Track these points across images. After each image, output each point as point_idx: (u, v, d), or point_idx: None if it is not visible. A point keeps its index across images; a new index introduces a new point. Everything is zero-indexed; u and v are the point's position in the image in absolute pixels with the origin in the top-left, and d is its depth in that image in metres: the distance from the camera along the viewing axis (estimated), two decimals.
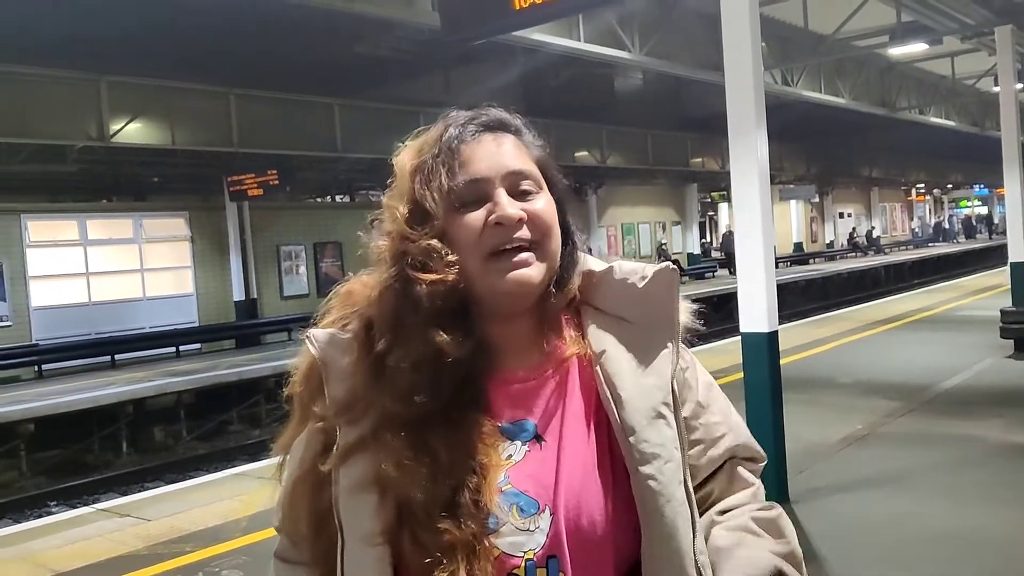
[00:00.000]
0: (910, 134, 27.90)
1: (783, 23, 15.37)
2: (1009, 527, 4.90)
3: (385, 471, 1.01)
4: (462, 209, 1.07)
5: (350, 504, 1.03)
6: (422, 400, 1.02)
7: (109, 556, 5.42)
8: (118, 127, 15.21)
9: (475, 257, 1.05)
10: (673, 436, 1.06)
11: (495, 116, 1.14)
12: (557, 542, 1.00)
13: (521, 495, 1.02)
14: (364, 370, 1.06)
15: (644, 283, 1.12)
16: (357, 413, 1.04)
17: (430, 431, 1.02)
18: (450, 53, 14.02)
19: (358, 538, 1.02)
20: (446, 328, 1.03)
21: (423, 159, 1.10)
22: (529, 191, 1.09)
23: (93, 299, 17.72)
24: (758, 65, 5.64)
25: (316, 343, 1.10)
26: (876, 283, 29.37)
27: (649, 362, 1.09)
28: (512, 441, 1.05)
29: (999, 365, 9.88)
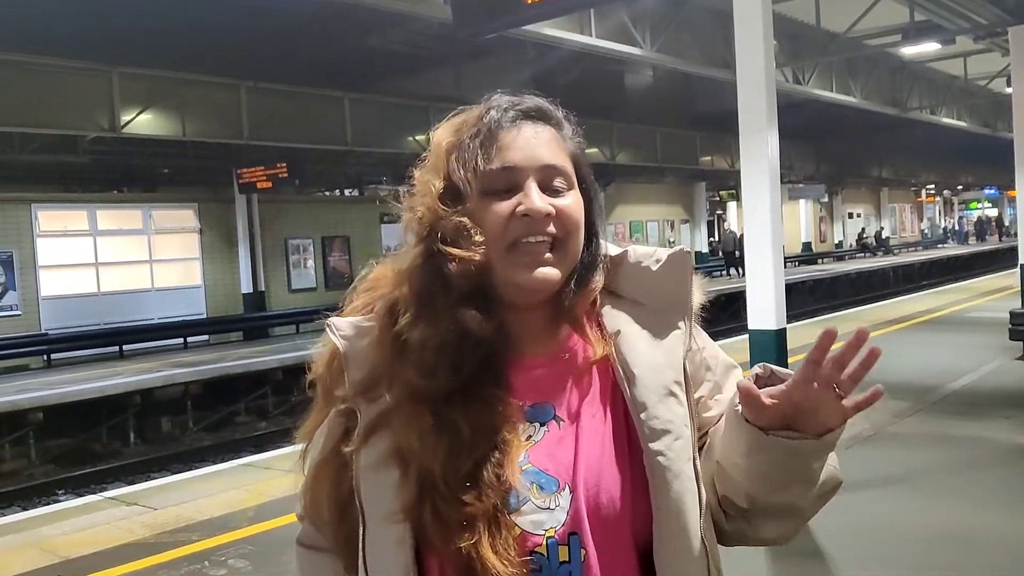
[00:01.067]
0: (921, 134, 27.79)
1: (795, 21, 15.31)
2: (1016, 528, 4.89)
3: (407, 444, 1.02)
4: (492, 195, 1.07)
5: (371, 481, 1.05)
6: (445, 376, 1.03)
7: (116, 544, 5.45)
8: (129, 118, 15.25)
9: (498, 245, 1.06)
10: (684, 414, 1.07)
11: (536, 104, 1.14)
12: (578, 519, 1.02)
13: (541, 473, 1.04)
14: (386, 346, 1.07)
15: (658, 266, 1.14)
16: (379, 391, 1.06)
17: (452, 406, 1.03)
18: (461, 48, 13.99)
19: (379, 517, 1.03)
20: (470, 306, 1.05)
21: (461, 138, 1.10)
22: (560, 187, 1.09)
23: (102, 289, 17.80)
24: (770, 63, 5.64)
25: (337, 331, 1.11)
26: (884, 284, 29.29)
27: (662, 342, 1.10)
28: (531, 423, 1.07)
29: (1008, 367, 9.85)
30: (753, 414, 0.99)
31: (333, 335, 1.11)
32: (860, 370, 0.95)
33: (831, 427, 0.98)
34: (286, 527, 5.57)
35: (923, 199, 49.88)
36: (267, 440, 12.65)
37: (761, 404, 0.98)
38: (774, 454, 1.00)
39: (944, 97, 23.94)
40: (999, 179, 45.54)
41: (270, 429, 13.74)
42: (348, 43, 14.01)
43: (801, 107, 18.80)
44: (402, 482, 1.02)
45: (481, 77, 16.00)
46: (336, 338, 1.11)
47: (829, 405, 0.96)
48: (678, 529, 1.03)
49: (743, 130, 5.57)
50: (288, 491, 6.38)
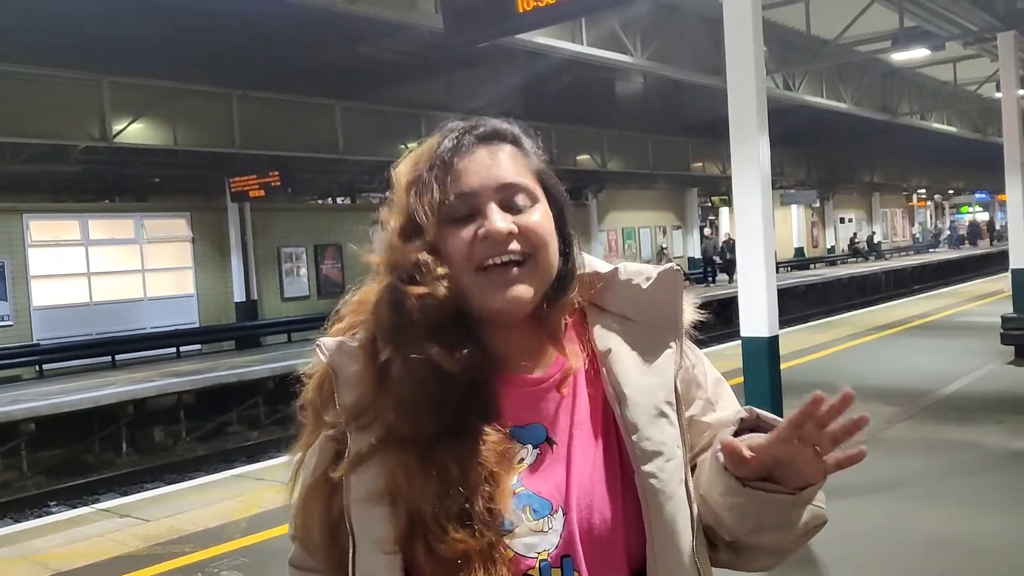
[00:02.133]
0: (912, 139, 27.88)
1: (785, 27, 15.37)
2: (1010, 534, 4.89)
3: (395, 485, 1.02)
4: (454, 223, 1.06)
5: (362, 512, 1.04)
6: (428, 417, 1.02)
7: (109, 556, 5.42)
8: (120, 127, 15.22)
9: (466, 271, 1.05)
10: (675, 435, 1.07)
11: (491, 126, 1.12)
12: (570, 542, 1.01)
13: (534, 496, 1.03)
14: (370, 378, 1.06)
15: (648, 284, 1.13)
16: (366, 420, 1.05)
17: (440, 446, 1.02)
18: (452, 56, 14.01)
19: (370, 543, 1.03)
20: (442, 340, 1.03)
21: (418, 172, 1.09)
22: (523, 205, 1.08)
23: (94, 299, 17.74)
24: (760, 70, 5.65)
25: (326, 351, 1.11)
26: (877, 288, 29.36)
27: (652, 361, 1.10)
28: (523, 445, 1.06)
29: (1000, 371, 9.88)
30: (733, 466, 0.99)
31: (323, 355, 1.11)
32: (842, 433, 0.94)
33: (810, 482, 0.98)
34: (279, 538, 5.55)
35: (914, 204, 50.02)
36: (260, 450, 12.63)
37: (742, 458, 0.97)
38: (751, 502, 1.00)
39: (934, 102, 24.04)
40: (990, 183, 45.72)
41: (263, 439, 13.71)
42: (340, 51, 14.01)
43: (792, 113, 18.86)
44: (392, 515, 1.02)
45: (473, 85, 16.02)
46: (325, 358, 1.10)
47: (810, 461, 0.96)
48: (671, 551, 1.03)
49: (734, 136, 5.59)
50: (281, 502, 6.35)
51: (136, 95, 15.41)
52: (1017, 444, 6.74)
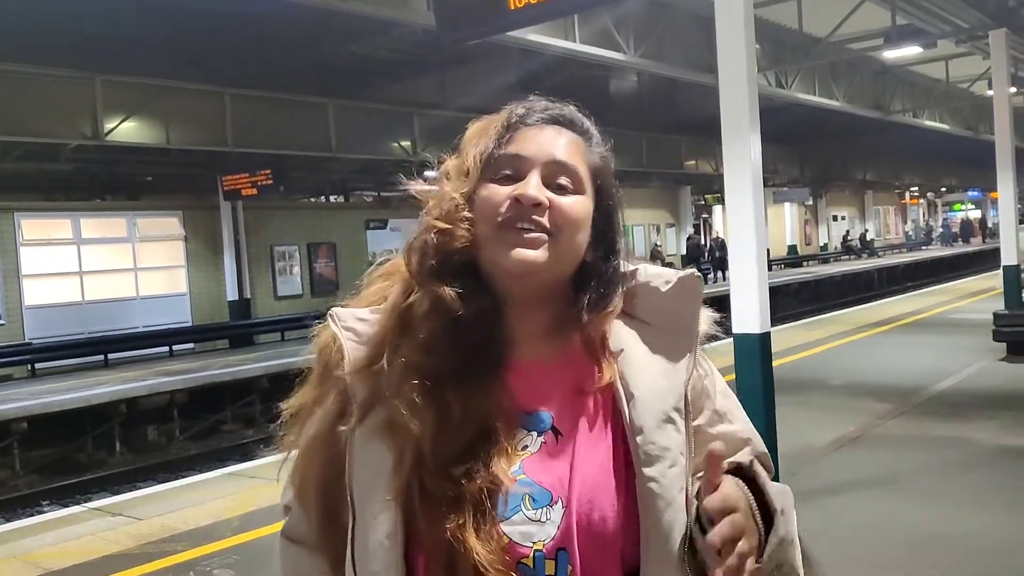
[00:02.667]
0: (904, 137, 27.96)
1: (777, 25, 15.39)
2: (1002, 530, 4.91)
3: (397, 415, 1.03)
4: (495, 180, 1.08)
5: (363, 460, 1.04)
6: (440, 353, 1.04)
7: (100, 555, 5.41)
8: (112, 126, 15.18)
9: (489, 225, 1.06)
10: (681, 441, 1.06)
11: (566, 113, 1.15)
12: (568, 535, 1.01)
13: (534, 485, 1.03)
14: (393, 319, 1.08)
15: (668, 287, 1.13)
16: (379, 367, 1.06)
17: (447, 385, 1.03)
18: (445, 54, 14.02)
19: (370, 501, 1.03)
20: (452, 283, 1.06)
21: (487, 128, 1.13)
22: (565, 185, 1.09)
23: (86, 298, 17.69)
24: (752, 67, 5.65)
25: (340, 321, 1.12)
26: (869, 286, 29.43)
27: (665, 366, 1.09)
28: (528, 431, 1.06)
29: (992, 368, 9.90)
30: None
31: (335, 326, 1.12)
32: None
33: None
34: (271, 536, 5.53)
35: (907, 201, 50.18)
36: (253, 448, 12.59)
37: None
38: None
39: (926, 100, 24.11)
40: (982, 181, 45.82)
41: (256, 437, 13.68)
42: (332, 49, 14.00)
43: (785, 111, 18.89)
44: (395, 460, 1.02)
45: (465, 83, 16.02)
46: (337, 328, 1.11)
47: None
48: (665, 558, 1.02)
49: (726, 134, 5.59)
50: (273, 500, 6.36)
51: (128, 93, 15.36)
52: (1009, 440, 6.76)
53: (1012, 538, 4.80)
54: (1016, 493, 5.57)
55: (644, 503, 1.02)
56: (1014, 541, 4.76)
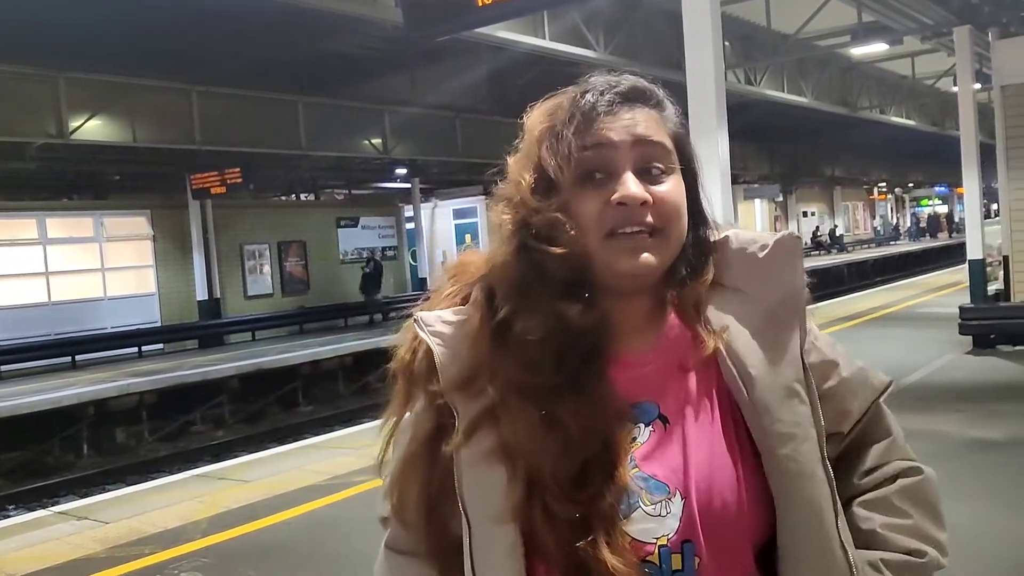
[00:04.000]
0: (872, 133, 28.24)
1: (746, 22, 15.48)
2: (971, 521, 4.95)
3: (514, 441, 0.98)
4: (587, 183, 1.02)
5: (475, 480, 1.00)
6: (550, 370, 0.99)
7: (66, 559, 5.33)
8: (78, 124, 14.99)
9: (594, 235, 1.01)
10: (807, 413, 1.02)
11: (633, 85, 1.09)
12: (691, 526, 0.98)
13: (650, 479, 0.99)
14: (486, 338, 1.02)
15: (764, 253, 1.08)
16: (479, 385, 1.01)
17: (558, 402, 0.98)
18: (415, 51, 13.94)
19: (486, 518, 0.99)
20: (571, 300, 1.00)
21: (553, 124, 1.05)
22: (658, 170, 1.04)
23: (53, 299, 17.46)
24: (719, 64, 5.68)
25: (426, 326, 1.06)
26: (839, 281, 29.67)
27: (776, 337, 1.05)
28: (636, 423, 1.02)
29: (958, 361, 10.03)
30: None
31: (422, 331, 1.06)
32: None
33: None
34: (240, 538, 5.50)
35: (875, 197, 50.64)
36: (224, 449, 12.51)
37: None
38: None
39: (893, 96, 24.36)
40: (948, 176, 46.37)
41: (227, 438, 13.59)
42: (301, 46, 13.90)
43: (754, 108, 18.99)
44: (509, 480, 0.98)
45: (435, 80, 15.96)
46: (425, 335, 1.06)
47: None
48: (814, 533, 0.99)
49: (694, 131, 5.56)
50: (242, 501, 6.32)
51: (93, 91, 15.17)
52: (976, 432, 6.84)
53: (982, 528, 4.86)
54: (984, 484, 5.64)
55: (783, 484, 0.99)
56: (984, 531, 4.82)
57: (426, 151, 20.59)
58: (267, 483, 6.80)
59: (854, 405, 1.12)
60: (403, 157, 20.68)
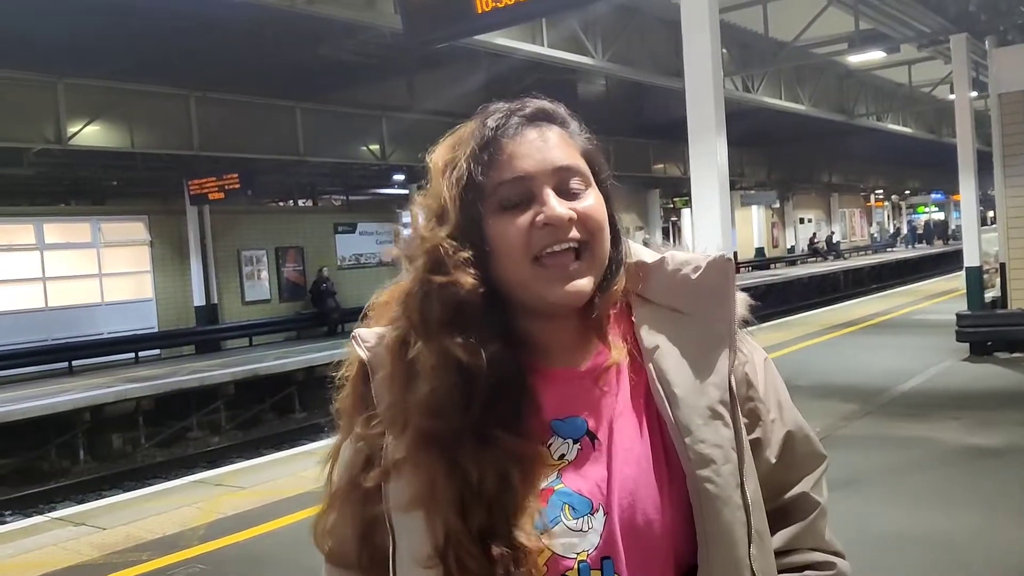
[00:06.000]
0: (869, 141, 28.30)
1: (744, 30, 15.51)
2: (967, 529, 4.96)
3: (423, 492, 0.98)
4: (507, 209, 1.01)
5: (402, 523, 1.00)
6: (453, 415, 0.98)
7: (63, 566, 5.32)
8: (76, 129, 14.97)
9: (522, 261, 1.00)
10: (731, 436, 1.01)
11: (538, 107, 1.08)
12: (611, 543, 0.97)
13: (573, 495, 0.99)
14: (399, 377, 1.02)
15: (698, 274, 1.07)
16: (399, 425, 1.01)
17: (460, 449, 0.98)
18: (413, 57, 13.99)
19: (410, 558, 0.99)
20: (467, 333, 0.99)
21: (455, 155, 1.04)
22: (577, 189, 1.04)
23: (50, 304, 17.41)
24: (718, 71, 5.69)
25: (363, 343, 1.06)
26: (835, 287, 29.72)
27: (705, 358, 1.04)
28: (564, 439, 1.02)
29: (955, 368, 10.04)
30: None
31: (359, 347, 1.06)
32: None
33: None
34: (237, 544, 5.49)
35: (872, 204, 50.72)
36: (220, 455, 12.49)
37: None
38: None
39: (890, 104, 24.39)
40: (945, 184, 46.43)
41: (223, 444, 13.57)
42: (299, 52, 13.92)
43: (752, 115, 19.03)
44: (428, 527, 0.98)
45: (434, 86, 15.99)
46: (361, 350, 1.06)
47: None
48: (729, 561, 0.98)
49: (692, 138, 5.62)
50: (240, 508, 6.31)
51: (92, 97, 15.16)
52: (972, 440, 6.85)
53: (977, 536, 4.87)
54: (980, 491, 5.65)
55: (701, 505, 0.98)
56: (979, 539, 4.82)
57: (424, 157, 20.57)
58: (263, 490, 6.79)
59: (792, 478, 1.11)
60: (401, 163, 20.68)
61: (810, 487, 1.12)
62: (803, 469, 1.12)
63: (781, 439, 1.10)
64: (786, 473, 1.10)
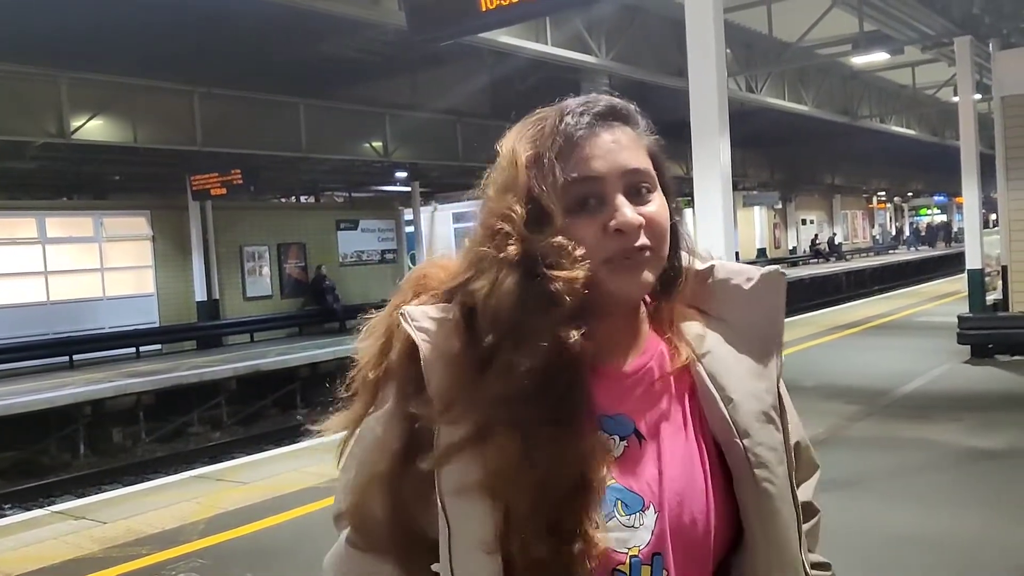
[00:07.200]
0: (871, 142, 28.26)
1: (748, 30, 15.49)
2: (969, 530, 4.97)
3: (492, 478, 0.97)
4: (578, 210, 1.02)
5: (458, 508, 0.99)
6: (535, 403, 0.97)
7: (63, 559, 5.33)
8: (79, 124, 14.98)
9: (593, 261, 1.00)
10: (782, 440, 1.06)
11: (610, 104, 1.09)
12: (662, 540, 1.00)
13: (625, 491, 1.01)
14: (469, 365, 0.99)
15: (751, 285, 1.10)
16: (459, 411, 0.99)
17: (536, 437, 0.97)
18: (417, 55, 13.96)
19: (470, 543, 0.98)
20: (572, 327, 0.99)
21: (539, 151, 1.03)
22: (645, 189, 1.05)
23: (52, 298, 17.43)
24: (722, 71, 5.69)
25: (412, 321, 1.02)
26: (837, 289, 29.71)
27: (756, 366, 1.08)
28: (611, 436, 1.03)
29: (957, 370, 10.04)
30: None
31: (408, 326, 1.02)
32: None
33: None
34: (238, 539, 5.49)
35: (874, 205, 50.73)
36: (221, 451, 12.51)
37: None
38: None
39: (894, 106, 24.37)
40: (948, 186, 46.48)
41: (224, 439, 13.59)
42: (303, 49, 13.91)
43: (754, 115, 19.01)
44: (492, 511, 0.97)
45: (437, 84, 15.99)
46: (413, 331, 1.01)
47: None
48: (788, 559, 1.02)
49: (695, 138, 5.62)
50: (239, 503, 6.32)
51: (95, 91, 15.17)
52: (974, 442, 6.85)
53: (980, 537, 4.87)
54: (982, 493, 5.65)
55: (760, 506, 1.02)
56: (982, 540, 4.83)
57: (427, 155, 20.60)
58: (264, 485, 6.80)
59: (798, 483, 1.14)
60: (403, 160, 20.67)
61: (812, 495, 1.20)
62: (806, 475, 1.20)
63: (792, 447, 1.13)
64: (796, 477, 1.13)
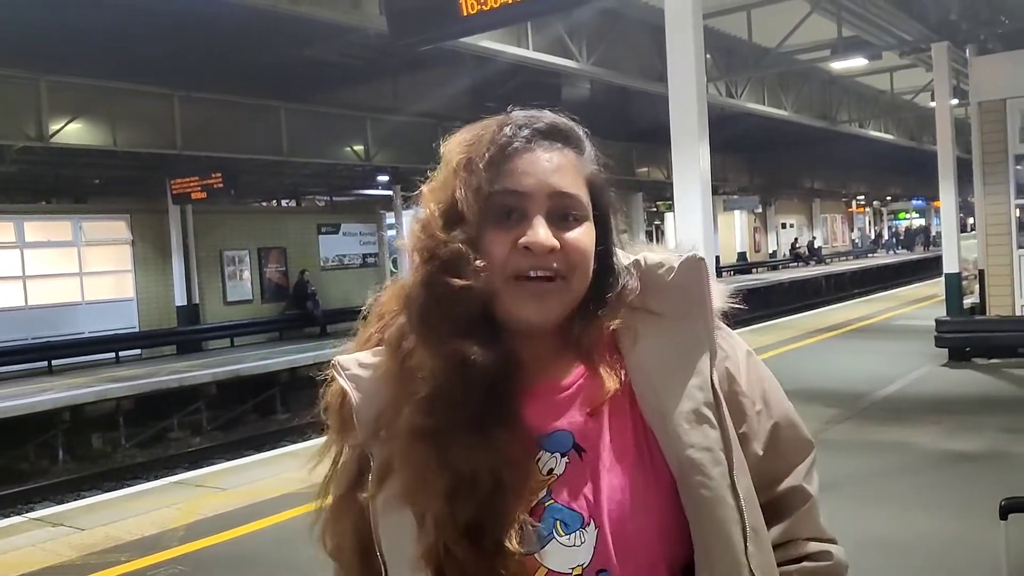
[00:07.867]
0: (851, 147, 28.45)
1: (727, 36, 15.57)
2: (947, 533, 5.01)
3: (409, 486, 0.98)
4: (496, 221, 1.01)
5: (389, 525, 1.00)
6: (445, 411, 0.98)
7: (41, 566, 5.28)
8: (58, 127, 14.88)
9: (499, 276, 1.00)
10: (718, 437, 1.01)
11: (554, 123, 1.07)
12: (605, 555, 0.97)
13: (564, 510, 0.99)
14: (393, 377, 1.02)
15: (672, 275, 1.06)
16: (387, 431, 1.01)
17: (453, 443, 0.97)
18: (398, 59, 13.96)
19: (402, 564, 0.99)
20: (471, 336, 0.99)
21: (471, 156, 1.03)
22: (572, 217, 1.03)
23: (30, 303, 17.28)
24: (701, 77, 5.72)
25: (344, 371, 1.06)
26: (817, 292, 29.88)
27: (686, 361, 1.04)
28: (551, 454, 1.01)
29: (935, 373, 10.12)
30: None
31: (340, 377, 1.05)
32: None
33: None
34: (217, 546, 5.47)
35: (853, 210, 51.05)
36: (201, 456, 12.43)
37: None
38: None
39: (872, 111, 24.57)
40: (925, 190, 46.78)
41: (204, 445, 13.51)
42: (284, 53, 13.87)
43: (735, 120, 19.11)
44: (418, 525, 0.97)
45: (419, 88, 15.97)
46: (344, 380, 1.05)
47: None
48: (727, 561, 0.98)
49: (675, 143, 5.65)
50: (219, 509, 6.29)
51: (74, 94, 15.07)
52: (952, 444, 6.91)
53: (957, 539, 4.91)
54: (960, 495, 5.69)
55: (696, 511, 0.98)
56: (959, 542, 4.86)
57: (408, 158, 20.57)
58: (244, 491, 6.77)
59: (782, 468, 1.10)
60: (385, 164, 20.65)
61: (802, 478, 1.12)
62: (792, 459, 1.12)
63: (768, 430, 1.09)
64: (775, 464, 1.09)
